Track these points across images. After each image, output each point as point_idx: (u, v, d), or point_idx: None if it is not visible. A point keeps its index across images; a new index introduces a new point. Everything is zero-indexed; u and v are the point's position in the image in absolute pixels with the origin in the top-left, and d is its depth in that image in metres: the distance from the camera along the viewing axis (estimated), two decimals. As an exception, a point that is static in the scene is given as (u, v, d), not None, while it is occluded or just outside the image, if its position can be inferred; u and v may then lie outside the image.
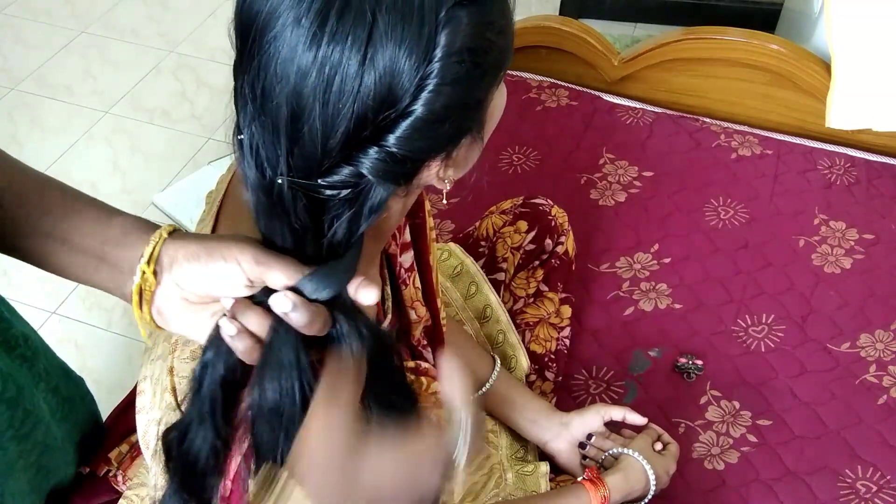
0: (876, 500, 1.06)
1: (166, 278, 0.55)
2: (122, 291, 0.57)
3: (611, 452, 1.01)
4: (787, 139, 1.58)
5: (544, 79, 1.72)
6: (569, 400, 1.16)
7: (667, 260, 1.37)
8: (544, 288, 1.18)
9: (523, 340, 1.14)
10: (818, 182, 1.50)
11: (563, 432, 1.03)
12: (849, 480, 1.08)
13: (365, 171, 0.51)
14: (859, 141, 1.58)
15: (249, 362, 0.53)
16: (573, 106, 1.66)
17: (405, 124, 0.50)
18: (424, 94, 0.49)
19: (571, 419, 1.04)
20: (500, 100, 0.59)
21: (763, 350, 1.23)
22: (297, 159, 0.51)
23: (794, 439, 1.12)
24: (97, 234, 0.57)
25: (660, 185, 1.50)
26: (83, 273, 0.59)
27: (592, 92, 1.70)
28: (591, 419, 1.03)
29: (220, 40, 2.55)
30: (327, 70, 0.48)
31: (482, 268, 1.17)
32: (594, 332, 1.26)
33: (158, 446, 0.57)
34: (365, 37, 0.47)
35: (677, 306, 1.29)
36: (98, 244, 0.57)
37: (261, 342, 0.53)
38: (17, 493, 0.82)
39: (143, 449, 0.73)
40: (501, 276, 1.18)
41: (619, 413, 1.04)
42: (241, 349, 0.52)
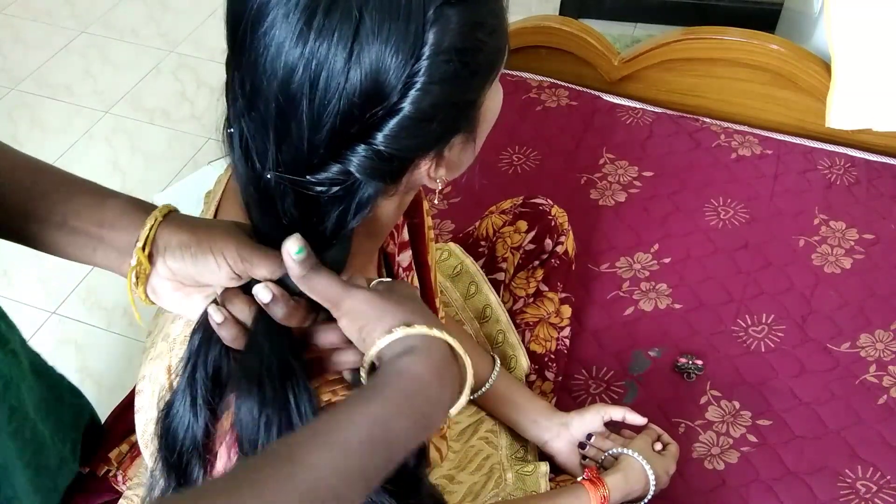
0: (876, 500, 1.06)
1: (160, 261, 0.56)
2: (121, 270, 0.58)
3: (611, 452, 1.01)
4: (787, 139, 1.58)
5: (544, 79, 1.72)
6: (569, 400, 1.16)
7: (667, 260, 1.36)
8: (544, 288, 1.18)
9: (523, 340, 1.13)
10: (818, 182, 1.50)
11: (562, 432, 1.03)
12: (849, 480, 1.08)
13: (353, 169, 0.51)
14: (859, 141, 1.58)
15: (236, 348, 0.55)
16: (573, 106, 1.66)
17: (393, 122, 0.50)
18: (412, 93, 0.49)
19: (571, 419, 1.04)
20: (494, 101, 0.59)
21: (763, 350, 1.23)
22: (285, 155, 0.51)
23: (794, 439, 1.12)
24: (93, 216, 0.59)
25: (660, 185, 1.50)
26: (82, 254, 0.60)
27: (592, 92, 1.70)
28: (591, 419, 1.03)
29: (220, 40, 2.52)
30: (314, 66, 0.48)
31: (482, 268, 1.17)
32: (594, 332, 1.26)
33: (157, 430, 0.58)
34: (351, 34, 0.47)
35: (677, 306, 1.29)
36: (95, 227, 0.59)
37: (247, 330, 0.54)
38: (22, 493, 0.82)
39: (142, 449, 0.73)
40: (501, 276, 1.18)
41: (618, 413, 1.04)
42: (227, 337, 0.54)
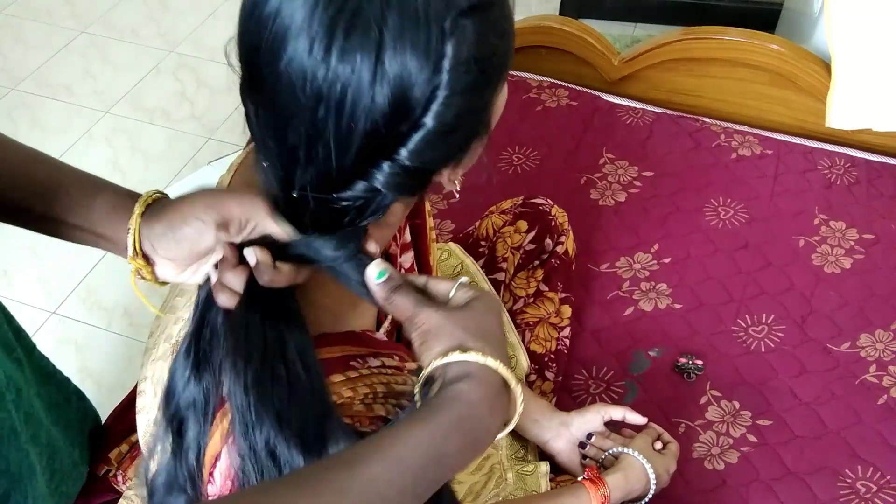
0: (876, 500, 1.06)
1: (154, 254, 0.59)
2: (124, 253, 0.61)
3: (611, 452, 1.01)
4: (787, 139, 1.58)
5: (544, 79, 1.72)
6: (569, 400, 1.16)
7: (667, 260, 1.37)
8: (544, 288, 1.18)
9: (523, 340, 1.14)
10: (818, 182, 1.50)
11: (563, 432, 1.03)
12: (849, 480, 1.08)
13: (379, 186, 0.52)
14: (859, 141, 1.58)
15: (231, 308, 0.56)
16: (573, 106, 1.66)
17: (417, 137, 0.50)
18: (434, 107, 0.50)
19: (571, 419, 1.04)
20: (502, 96, 0.60)
21: (763, 350, 1.23)
22: (312, 178, 0.52)
23: (794, 439, 1.12)
24: (86, 214, 0.61)
25: (660, 185, 1.50)
26: (86, 244, 0.63)
27: (592, 92, 1.70)
28: (592, 419, 1.04)
29: (220, 40, 2.53)
30: (338, 92, 0.48)
31: (482, 268, 1.17)
32: (594, 332, 1.26)
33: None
34: (374, 54, 0.48)
35: (677, 306, 1.29)
36: (89, 223, 0.61)
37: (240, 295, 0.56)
38: (38, 498, 0.82)
39: (143, 449, 0.73)
40: (501, 276, 1.18)
41: (619, 413, 1.04)
42: (222, 301, 0.56)
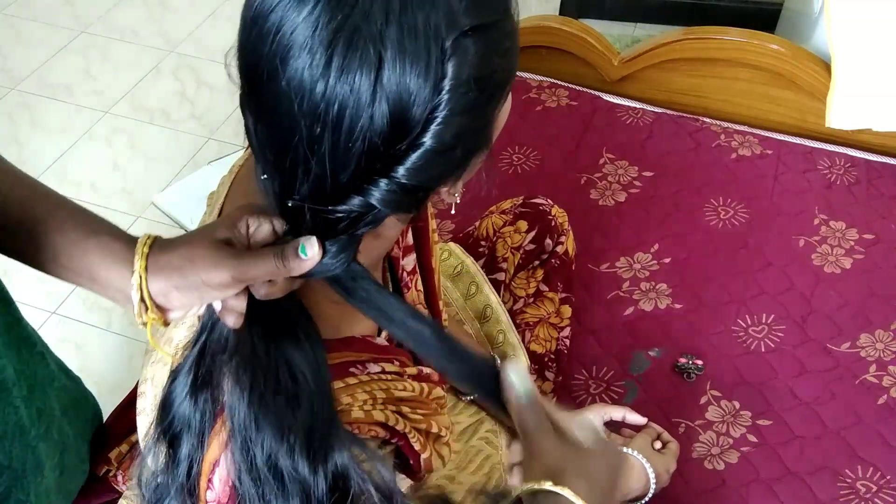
0: (876, 500, 1.06)
1: (170, 306, 0.58)
2: (122, 304, 0.59)
3: (611, 452, 1.01)
4: (787, 139, 1.59)
5: (544, 79, 1.72)
6: (569, 400, 1.16)
7: (667, 260, 1.37)
8: (544, 288, 1.18)
9: (523, 340, 1.13)
10: (818, 182, 1.50)
11: (563, 432, 1.03)
12: (849, 480, 1.08)
13: (374, 202, 0.52)
14: (859, 141, 1.58)
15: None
16: (573, 106, 1.66)
17: (415, 156, 0.50)
18: (433, 127, 0.49)
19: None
20: (505, 109, 0.59)
21: (763, 350, 1.23)
22: (309, 191, 0.52)
23: (794, 439, 1.13)
24: (80, 258, 0.60)
25: (660, 185, 1.50)
26: (82, 286, 0.61)
27: (592, 92, 1.70)
28: (592, 419, 1.03)
29: (220, 40, 2.54)
30: (336, 110, 0.48)
31: (482, 268, 1.17)
32: (594, 332, 1.26)
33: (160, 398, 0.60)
34: (373, 74, 0.48)
35: (677, 306, 1.29)
36: (84, 267, 0.59)
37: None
38: (42, 494, 0.82)
39: (143, 450, 0.73)
40: (501, 276, 1.18)
41: (618, 413, 1.04)
42: (229, 322, 0.57)
